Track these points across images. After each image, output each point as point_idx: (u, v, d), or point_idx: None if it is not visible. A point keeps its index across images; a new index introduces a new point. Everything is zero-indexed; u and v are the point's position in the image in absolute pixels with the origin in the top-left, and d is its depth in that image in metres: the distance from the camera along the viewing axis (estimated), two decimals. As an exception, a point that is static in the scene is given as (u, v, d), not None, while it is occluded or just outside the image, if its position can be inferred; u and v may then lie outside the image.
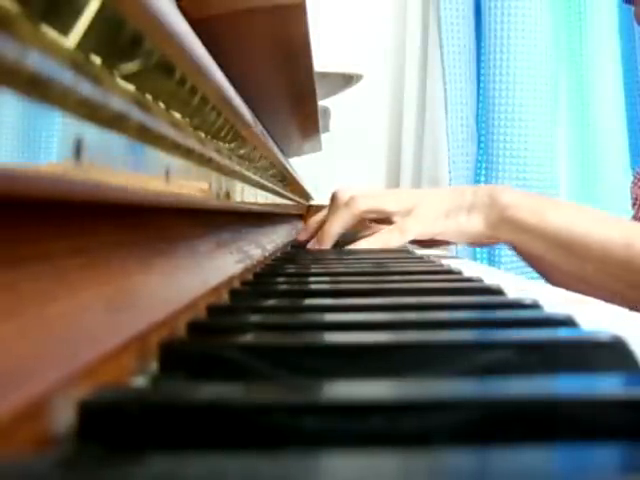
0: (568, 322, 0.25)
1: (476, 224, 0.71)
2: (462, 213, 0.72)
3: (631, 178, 0.97)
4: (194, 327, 0.25)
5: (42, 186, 0.16)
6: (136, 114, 0.20)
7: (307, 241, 0.78)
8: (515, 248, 0.74)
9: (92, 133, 0.17)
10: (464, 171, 1.45)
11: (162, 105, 0.23)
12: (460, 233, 0.72)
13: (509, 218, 0.68)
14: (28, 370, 0.14)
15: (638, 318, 0.31)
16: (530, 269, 0.85)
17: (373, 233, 0.75)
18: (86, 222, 0.21)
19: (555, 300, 0.34)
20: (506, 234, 0.69)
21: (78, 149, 0.16)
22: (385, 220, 0.75)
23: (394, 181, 1.59)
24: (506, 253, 1.39)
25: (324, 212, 0.79)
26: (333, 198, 0.77)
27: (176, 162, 0.26)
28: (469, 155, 1.46)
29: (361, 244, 0.72)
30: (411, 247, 0.79)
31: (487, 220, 0.70)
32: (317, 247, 0.75)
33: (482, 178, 1.46)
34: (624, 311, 0.33)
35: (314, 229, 0.79)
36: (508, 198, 0.69)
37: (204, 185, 0.32)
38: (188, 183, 0.29)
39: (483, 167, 1.47)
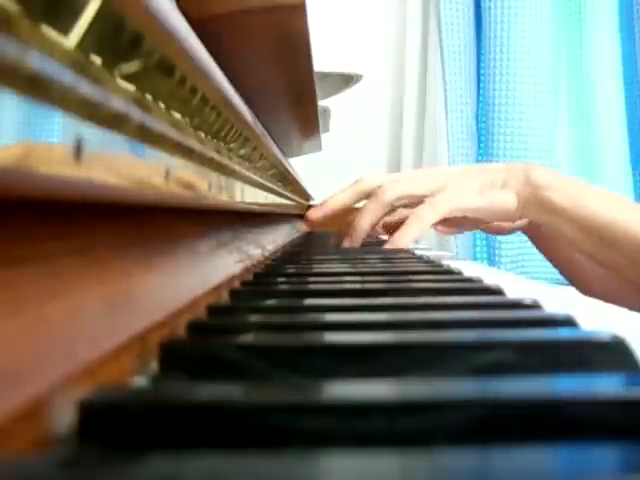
0: (568, 322, 0.25)
1: (509, 201, 0.68)
2: (496, 189, 0.69)
3: (631, 178, 0.97)
4: (194, 327, 0.25)
5: (42, 186, 0.16)
6: (136, 114, 0.20)
7: (319, 220, 0.75)
8: (534, 233, 0.72)
9: (92, 133, 0.17)
10: (464, 171, 1.45)
11: (162, 105, 0.23)
12: (492, 211, 0.69)
13: (542, 199, 0.66)
14: (28, 370, 0.14)
15: (638, 318, 0.31)
16: (529, 269, 0.84)
17: (398, 223, 0.72)
18: (86, 222, 0.21)
19: (551, 301, 0.34)
20: (537, 214, 0.67)
21: (78, 149, 0.16)
22: (418, 204, 0.72)
23: (394, 181, 1.59)
24: (507, 254, 1.39)
25: (343, 195, 0.75)
26: (359, 186, 0.74)
27: (176, 162, 0.26)
28: (469, 155, 1.46)
29: (393, 243, 0.69)
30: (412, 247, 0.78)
31: (520, 198, 0.67)
32: (348, 244, 0.72)
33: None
34: (624, 311, 0.33)
35: (332, 209, 0.75)
36: (543, 178, 0.66)
37: (204, 185, 0.32)
38: (188, 183, 0.29)
39: (483, 167, 1.46)
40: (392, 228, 0.76)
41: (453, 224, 0.76)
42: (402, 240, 0.68)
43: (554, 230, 0.68)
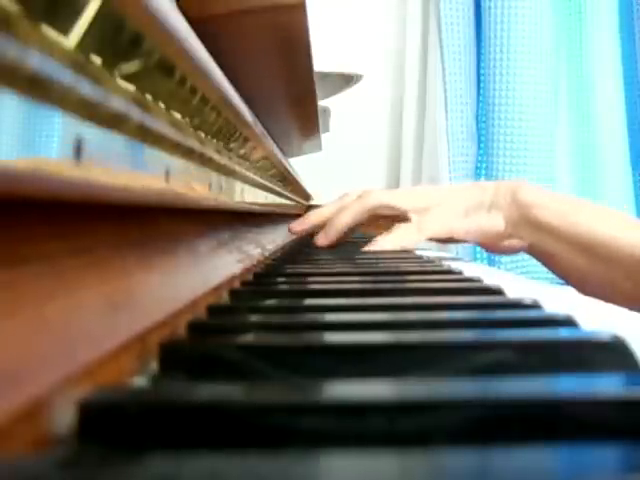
0: (568, 322, 0.25)
1: (497, 223, 0.67)
2: (482, 211, 0.68)
3: (631, 178, 0.97)
4: (194, 327, 0.25)
5: (42, 186, 0.16)
6: (136, 114, 0.20)
7: (301, 232, 0.75)
8: (534, 251, 0.69)
9: (92, 133, 0.17)
10: (464, 171, 1.45)
11: (162, 105, 0.23)
12: (480, 233, 0.68)
13: (532, 218, 0.64)
14: (28, 370, 0.14)
15: (638, 318, 0.31)
16: (529, 269, 0.84)
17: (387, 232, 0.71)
18: (86, 222, 0.21)
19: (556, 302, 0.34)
20: (528, 234, 0.66)
21: (78, 149, 0.16)
22: (400, 219, 0.71)
23: (394, 181, 1.59)
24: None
25: (325, 209, 0.75)
26: (343, 199, 0.74)
27: (176, 162, 0.26)
28: (469, 155, 1.46)
29: (376, 245, 0.68)
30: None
31: (509, 219, 0.66)
32: (322, 240, 0.72)
33: (482, 178, 1.46)
34: (624, 311, 0.33)
35: (313, 222, 0.75)
36: (531, 197, 0.65)
37: (204, 185, 0.32)
38: (188, 183, 0.29)
39: (483, 167, 1.47)
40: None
41: (442, 240, 0.75)
42: (384, 245, 0.68)
43: (547, 249, 0.66)
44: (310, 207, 1.28)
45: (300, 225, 0.75)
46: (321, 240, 0.72)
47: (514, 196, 0.66)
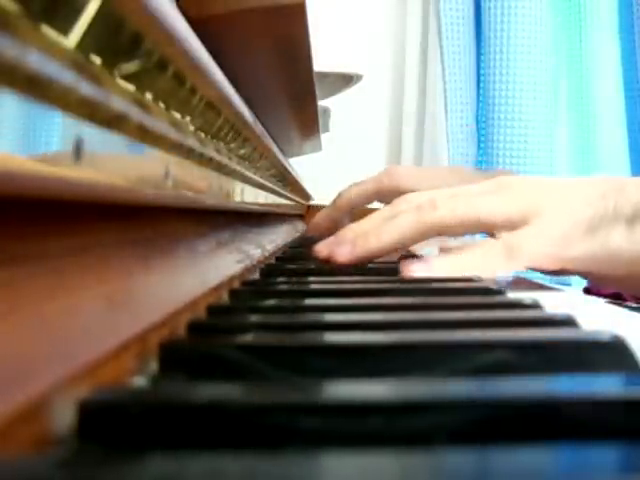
0: (568, 322, 0.25)
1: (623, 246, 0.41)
2: (618, 225, 0.41)
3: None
4: (194, 327, 0.25)
5: (42, 186, 0.16)
6: (136, 114, 0.20)
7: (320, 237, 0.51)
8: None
9: (92, 133, 0.17)
10: (464, 171, 1.45)
11: (162, 105, 0.23)
12: (617, 260, 0.42)
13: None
14: (28, 370, 0.14)
15: (638, 318, 0.31)
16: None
17: (454, 249, 0.45)
18: (86, 222, 0.21)
19: (556, 301, 0.34)
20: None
21: (78, 149, 0.16)
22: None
23: (394, 181, 1.59)
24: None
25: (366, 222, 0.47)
26: (398, 201, 0.47)
27: (176, 162, 0.26)
28: (469, 155, 1.46)
29: (429, 267, 0.42)
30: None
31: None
32: (344, 256, 0.45)
33: (482, 178, 1.46)
34: (624, 311, 0.33)
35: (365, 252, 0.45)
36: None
37: (204, 185, 0.32)
38: (188, 183, 0.29)
39: (483, 167, 1.47)
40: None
41: (551, 272, 0.44)
42: (441, 269, 0.42)
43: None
44: (310, 207, 1.27)
45: (317, 228, 0.56)
46: (343, 255, 0.45)
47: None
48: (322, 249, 0.46)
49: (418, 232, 0.44)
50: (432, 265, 0.43)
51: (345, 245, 0.45)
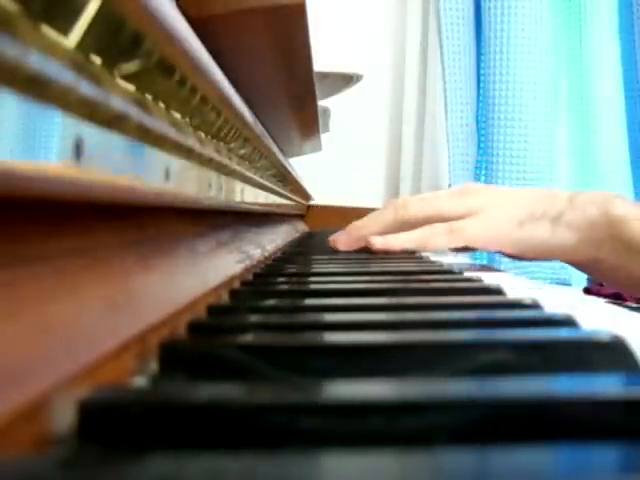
0: (568, 322, 0.25)
1: (566, 239, 0.54)
2: (543, 223, 0.55)
3: (631, 178, 0.96)
4: (194, 327, 0.25)
5: (42, 186, 0.16)
6: (136, 114, 0.20)
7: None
8: (601, 266, 0.56)
9: (92, 133, 0.17)
10: (464, 171, 1.45)
11: (162, 105, 0.23)
12: (537, 249, 0.55)
13: (624, 235, 0.52)
14: (28, 370, 0.14)
15: (638, 318, 0.31)
16: (529, 269, 0.80)
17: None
18: (86, 222, 0.21)
19: (554, 300, 0.34)
20: (613, 255, 0.53)
21: (78, 149, 0.16)
22: None
23: (394, 181, 1.59)
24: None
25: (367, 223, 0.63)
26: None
27: (176, 162, 0.26)
28: (469, 155, 1.46)
29: (387, 242, 0.57)
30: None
31: (588, 235, 0.53)
32: (341, 245, 0.62)
33: (482, 179, 1.46)
34: (624, 311, 0.33)
35: (356, 239, 0.62)
36: (622, 210, 0.52)
37: (204, 185, 0.32)
38: (188, 183, 0.29)
39: (483, 167, 1.47)
40: None
41: (464, 249, 0.61)
42: (393, 242, 0.58)
43: (632, 266, 0.53)
44: (310, 207, 1.27)
45: (344, 243, 0.63)
46: (340, 246, 0.62)
47: (601, 208, 0.53)
48: (330, 239, 0.64)
49: (394, 226, 0.60)
50: (387, 239, 0.58)
51: (343, 234, 0.63)
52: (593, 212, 0.53)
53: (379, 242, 0.58)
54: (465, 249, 0.59)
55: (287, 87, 0.57)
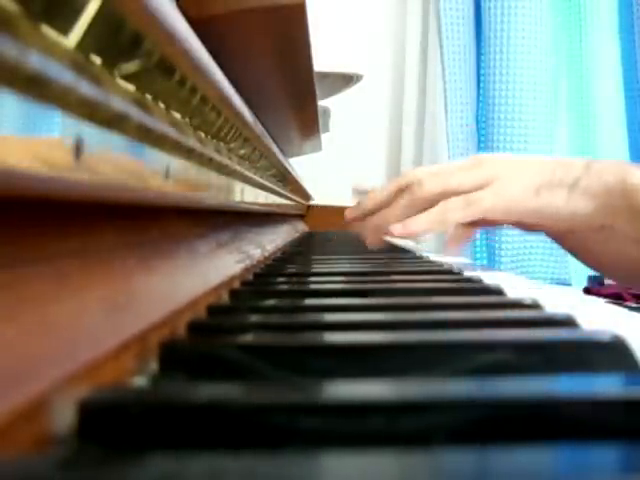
0: (568, 322, 0.25)
1: (582, 206, 0.52)
2: (560, 190, 0.53)
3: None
4: (194, 327, 0.25)
5: (42, 186, 0.16)
6: (136, 114, 0.20)
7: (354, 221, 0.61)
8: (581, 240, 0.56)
9: (92, 133, 0.17)
10: (464, 171, 1.45)
11: (162, 105, 0.23)
12: (556, 215, 0.53)
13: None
14: (28, 370, 0.14)
15: (638, 318, 0.31)
16: (529, 269, 0.80)
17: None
18: (86, 222, 0.21)
19: (556, 300, 0.34)
20: (629, 225, 0.52)
21: (78, 149, 0.16)
22: None
23: (394, 181, 1.59)
24: (506, 253, 1.39)
25: (378, 194, 0.60)
26: (396, 181, 0.59)
27: (176, 162, 0.26)
28: (469, 155, 1.46)
29: (407, 225, 0.55)
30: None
31: (604, 202, 0.52)
32: (371, 240, 0.59)
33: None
34: (624, 311, 0.33)
35: (362, 211, 0.60)
36: (639, 179, 0.51)
37: (204, 185, 0.32)
38: (188, 183, 0.29)
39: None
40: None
41: (489, 223, 0.59)
42: (412, 226, 0.55)
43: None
44: (310, 207, 1.27)
45: (353, 212, 0.61)
46: (370, 241, 0.60)
47: (618, 176, 0.52)
48: (346, 213, 0.61)
49: (412, 206, 0.56)
50: (406, 224, 0.55)
51: (365, 230, 0.59)
52: (610, 179, 0.52)
53: (398, 229, 0.56)
54: (483, 223, 0.58)
55: (287, 87, 0.57)
